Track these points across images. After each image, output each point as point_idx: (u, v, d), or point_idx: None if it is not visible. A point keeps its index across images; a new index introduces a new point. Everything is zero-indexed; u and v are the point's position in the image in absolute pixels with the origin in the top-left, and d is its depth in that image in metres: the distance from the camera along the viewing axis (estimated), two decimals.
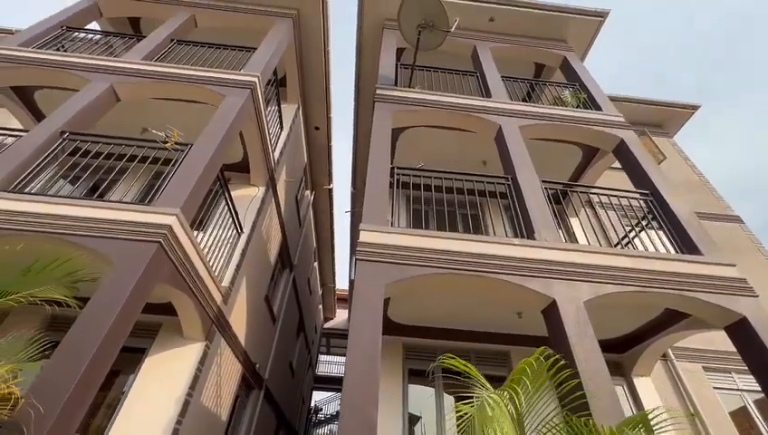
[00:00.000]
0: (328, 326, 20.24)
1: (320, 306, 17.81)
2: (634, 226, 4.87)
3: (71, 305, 2.70)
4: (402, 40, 6.08)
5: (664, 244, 4.45)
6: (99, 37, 6.62)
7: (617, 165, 5.80)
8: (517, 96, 6.57)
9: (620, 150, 5.59)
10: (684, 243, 4.30)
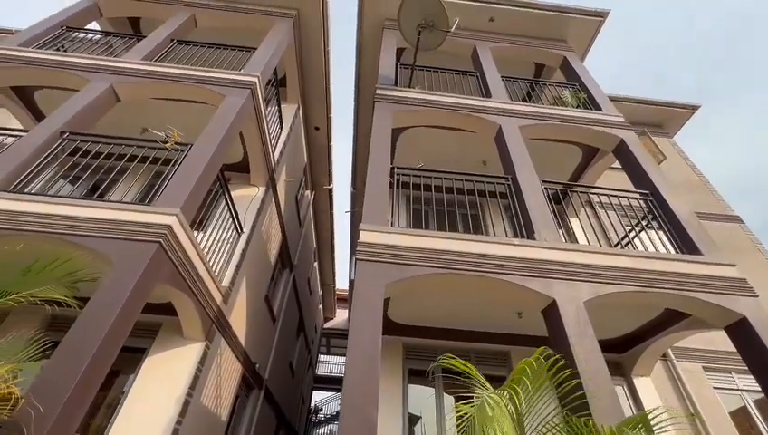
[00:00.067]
0: (328, 326, 20.26)
1: (320, 306, 17.82)
2: (634, 226, 4.87)
3: (71, 305, 2.71)
4: (402, 40, 6.08)
5: (664, 244, 4.46)
6: (99, 37, 6.63)
7: (617, 165, 5.80)
8: (517, 96, 6.57)
9: (620, 150, 5.59)
10: (684, 243, 4.30)
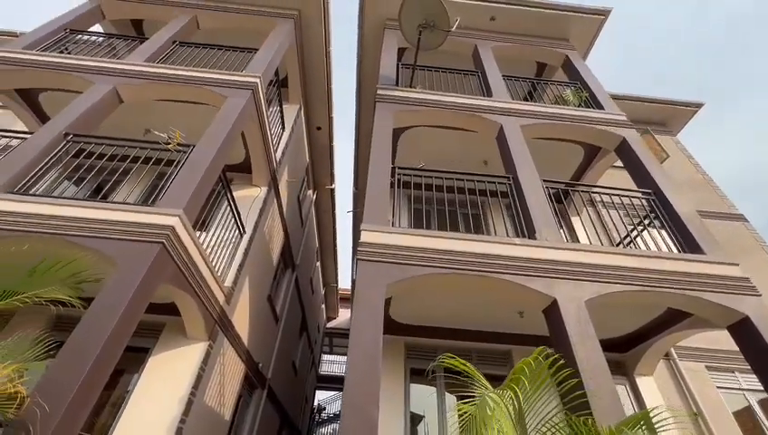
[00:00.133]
0: (331, 326, 20.32)
1: (322, 306, 17.86)
2: (636, 225, 4.85)
3: (75, 306, 2.74)
4: (403, 40, 6.08)
5: (666, 243, 4.44)
6: (102, 39, 6.67)
7: (619, 163, 5.78)
8: (519, 95, 6.56)
9: (622, 149, 5.57)
10: (686, 242, 4.28)
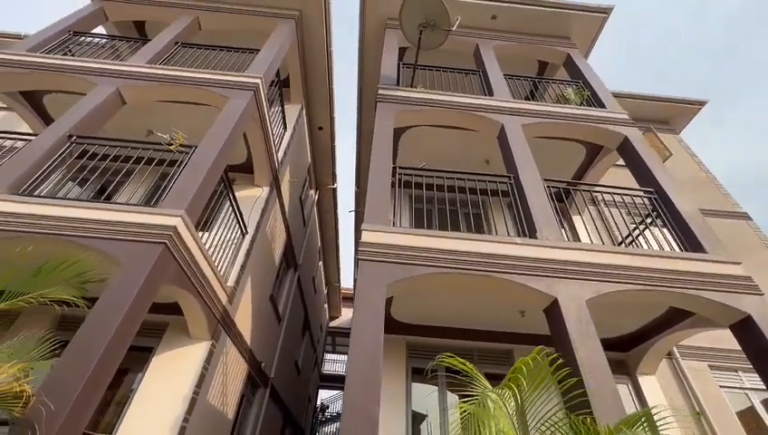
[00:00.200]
0: (333, 325, 20.36)
1: (325, 305, 17.90)
2: (638, 224, 4.84)
3: (80, 305, 2.78)
4: (404, 39, 6.08)
5: (668, 242, 4.43)
6: (105, 41, 6.72)
7: (621, 162, 5.76)
8: (520, 94, 6.54)
9: (624, 148, 5.55)
10: (688, 241, 4.26)
